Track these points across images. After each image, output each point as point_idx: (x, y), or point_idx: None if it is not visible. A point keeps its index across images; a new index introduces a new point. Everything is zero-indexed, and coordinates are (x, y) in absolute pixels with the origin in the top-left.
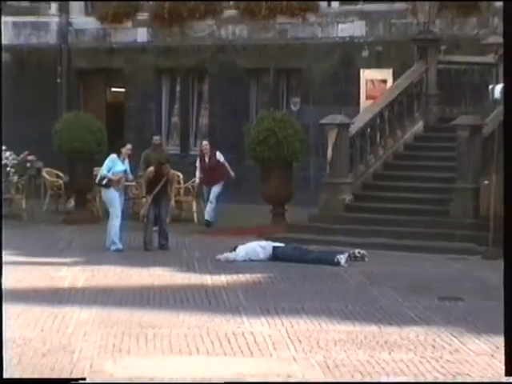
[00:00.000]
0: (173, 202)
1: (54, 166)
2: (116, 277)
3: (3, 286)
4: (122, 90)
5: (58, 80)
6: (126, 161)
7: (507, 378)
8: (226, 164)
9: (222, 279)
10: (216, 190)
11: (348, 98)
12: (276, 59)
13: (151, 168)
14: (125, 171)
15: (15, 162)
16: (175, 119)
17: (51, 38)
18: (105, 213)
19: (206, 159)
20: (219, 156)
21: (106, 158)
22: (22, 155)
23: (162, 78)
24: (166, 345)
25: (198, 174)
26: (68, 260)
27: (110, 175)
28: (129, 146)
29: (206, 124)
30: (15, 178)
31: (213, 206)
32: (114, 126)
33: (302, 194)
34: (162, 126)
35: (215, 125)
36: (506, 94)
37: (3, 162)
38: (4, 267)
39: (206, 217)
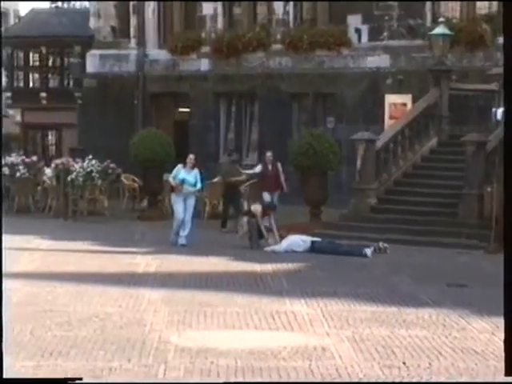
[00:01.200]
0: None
1: (130, 173)
2: (181, 264)
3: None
4: (188, 110)
5: (135, 102)
6: (195, 170)
7: (508, 378)
8: (282, 177)
9: (268, 267)
10: (276, 196)
11: (374, 118)
12: (314, 85)
13: (258, 208)
14: (182, 180)
15: (99, 168)
16: (231, 135)
17: (130, 67)
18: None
19: (269, 167)
20: (279, 167)
21: (173, 167)
22: (105, 163)
23: (220, 101)
24: (221, 321)
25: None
26: (142, 250)
27: (171, 181)
28: (191, 156)
29: (256, 139)
30: (99, 182)
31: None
32: (180, 140)
33: (335, 197)
34: (220, 141)
35: (264, 139)
36: (507, 101)
37: (89, 168)
38: (90, 255)
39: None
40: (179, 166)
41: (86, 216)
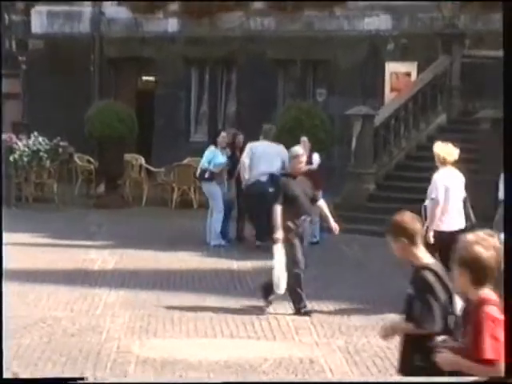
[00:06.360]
0: None
1: (85, 152)
2: (144, 261)
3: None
4: (153, 78)
5: (91, 68)
6: (226, 150)
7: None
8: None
9: (247, 265)
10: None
11: (372, 89)
12: (303, 51)
13: None
14: (226, 163)
15: (48, 147)
16: (204, 108)
17: (84, 27)
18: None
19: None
20: (315, 158)
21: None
22: (54, 141)
23: (192, 68)
24: (191, 327)
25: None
26: (98, 243)
27: (211, 168)
28: (223, 134)
29: (233, 113)
30: (47, 163)
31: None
32: (144, 113)
33: (326, 182)
34: (190, 114)
35: (243, 114)
36: (506, 92)
37: (36, 147)
38: (37, 249)
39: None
40: (212, 147)
41: (32, 203)
